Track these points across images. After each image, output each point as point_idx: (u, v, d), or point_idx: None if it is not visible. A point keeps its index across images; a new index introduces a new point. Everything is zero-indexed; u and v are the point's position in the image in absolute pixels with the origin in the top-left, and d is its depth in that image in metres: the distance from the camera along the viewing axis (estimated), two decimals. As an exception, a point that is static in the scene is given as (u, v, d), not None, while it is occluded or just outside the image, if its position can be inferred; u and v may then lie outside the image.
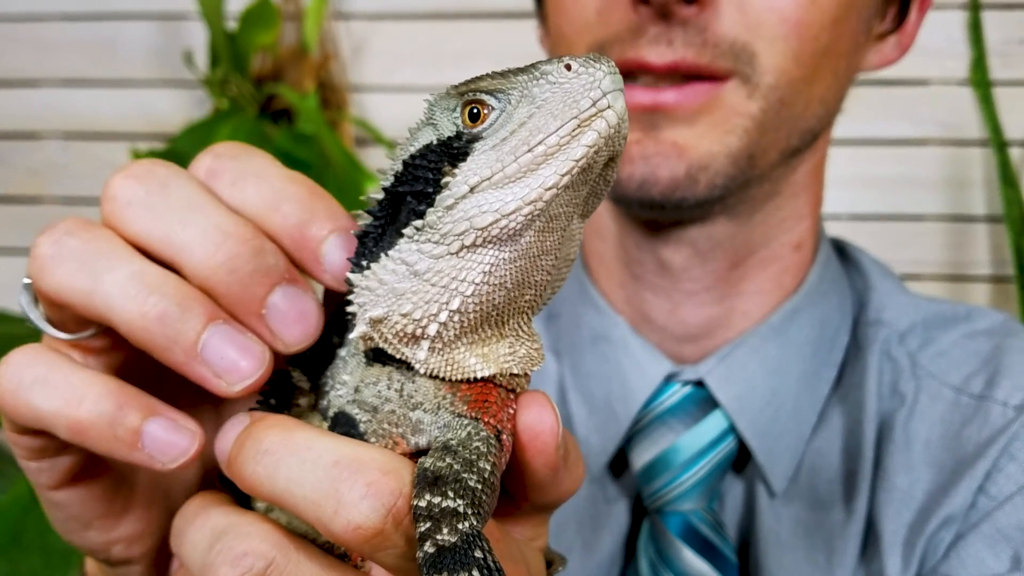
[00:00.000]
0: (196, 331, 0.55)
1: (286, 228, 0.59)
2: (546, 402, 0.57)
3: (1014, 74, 2.19)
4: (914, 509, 0.99)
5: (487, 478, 0.52)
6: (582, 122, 0.52)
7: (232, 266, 0.56)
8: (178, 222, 0.56)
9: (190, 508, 0.59)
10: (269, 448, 0.53)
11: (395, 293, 0.55)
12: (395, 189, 0.57)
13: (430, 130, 0.56)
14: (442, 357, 0.56)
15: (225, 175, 0.60)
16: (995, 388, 1.02)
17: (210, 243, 0.56)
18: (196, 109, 2.40)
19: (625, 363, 1.09)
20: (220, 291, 0.56)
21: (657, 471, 1.04)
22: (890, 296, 1.14)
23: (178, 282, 0.56)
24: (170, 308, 0.55)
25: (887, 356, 1.09)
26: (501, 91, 0.54)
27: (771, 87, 0.97)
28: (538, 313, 0.60)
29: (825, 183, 1.16)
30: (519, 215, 0.52)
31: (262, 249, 0.57)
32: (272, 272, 0.57)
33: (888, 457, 1.02)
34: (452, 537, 0.48)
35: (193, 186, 0.58)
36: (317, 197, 0.60)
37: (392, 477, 0.50)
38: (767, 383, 1.06)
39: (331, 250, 0.59)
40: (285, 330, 0.58)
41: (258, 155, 0.61)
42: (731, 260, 1.09)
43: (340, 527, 0.50)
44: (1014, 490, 0.93)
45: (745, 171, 1.00)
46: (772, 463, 1.04)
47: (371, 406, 0.58)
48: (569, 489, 0.61)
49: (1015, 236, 2.11)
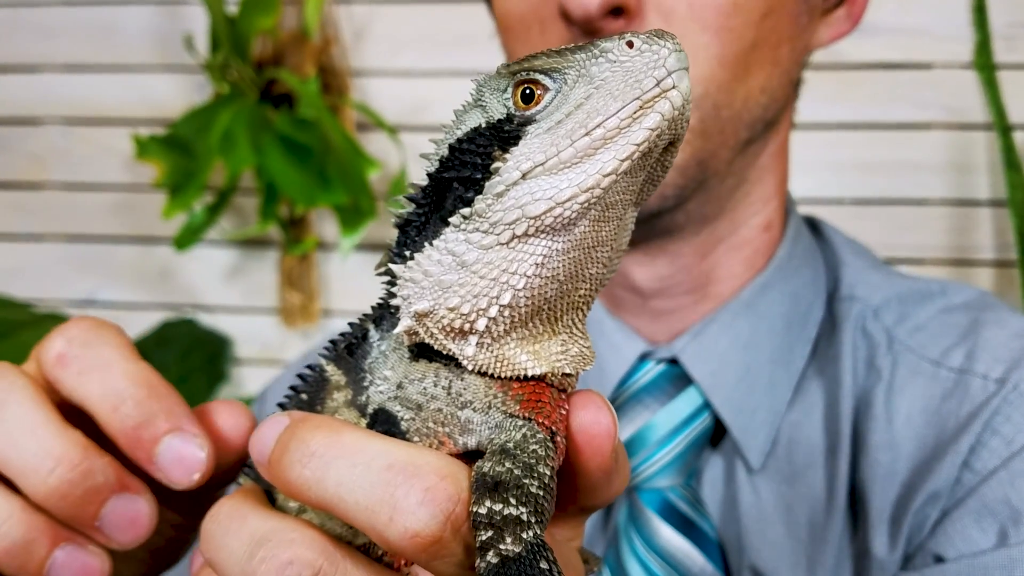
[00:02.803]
0: (40, 557, 0.60)
1: (123, 429, 0.61)
2: (602, 403, 0.55)
3: (1019, 57, 2.18)
4: (899, 484, 0.98)
5: (547, 483, 0.50)
6: (644, 103, 0.50)
7: (63, 491, 0.59)
8: (10, 445, 0.60)
9: (223, 511, 0.56)
10: (317, 451, 0.51)
11: (441, 286, 0.53)
12: (440, 175, 0.55)
13: (479, 112, 0.54)
14: (491, 353, 0.54)
15: (73, 364, 0.62)
16: (975, 361, 1.01)
17: (42, 469, 0.59)
18: (197, 94, 2.39)
19: (599, 343, 1.08)
20: (55, 511, 0.60)
21: (633, 449, 1.04)
22: (862, 272, 1.14)
23: (21, 513, 0.60)
24: (15, 542, 0.59)
25: (862, 331, 1.08)
26: (557, 70, 0.52)
27: (701, 97, 0.96)
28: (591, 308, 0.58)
29: (821, 165, 1.15)
30: (574, 203, 0.50)
31: (91, 470, 0.60)
32: (102, 489, 0.60)
33: (870, 433, 1.02)
34: (516, 547, 0.47)
35: (26, 402, 0.61)
36: (155, 398, 0.62)
37: (450, 482, 0.49)
38: (740, 358, 1.06)
39: (163, 451, 0.61)
40: (118, 535, 0.62)
41: (108, 344, 0.63)
42: (702, 252, 1.09)
43: (396, 535, 0.48)
44: (998, 464, 0.93)
45: (696, 177, 1.00)
46: (748, 438, 1.04)
47: (415, 403, 0.56)
48: (618, 490, 0.60)
49: (1019, 220, 2.10)
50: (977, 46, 2.13)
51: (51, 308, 2.40)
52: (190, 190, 2.16)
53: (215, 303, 2.50)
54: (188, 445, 0.61)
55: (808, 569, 1.01)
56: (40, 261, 2.54)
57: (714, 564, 1.01)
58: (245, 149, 2.12)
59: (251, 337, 2.48)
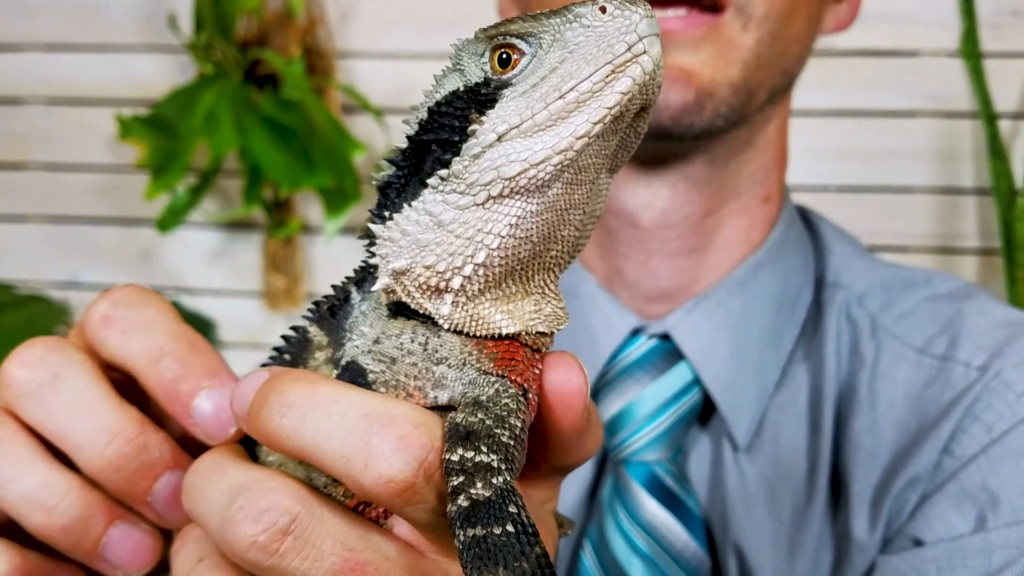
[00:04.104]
0: (96, 535, 0.62)
1: (162, 383, 0.63)
2: (574, 363, 0.57)
3: (1005, 46, 2.18)
4: (880, 469, 1.00)
5: (518, 435, 0.52)
6: (616, 67, 0.51)
7: (118, 464, 0.61)
8: (67, 419, 0.61)
9: (204, 464, 0.58)
10: (295, 401, 0.53)
11: (418, 244, 0.55)
12: (419, 137, 0.56)
13: (457, 76, 0.56)
14: (466, 312, 0.56)
15: (116, 324, 0.64)
16: (957, 349, 1.02)
17: (98, 442, 0.61)
18: (180, 74, 2.37)
19: (593, 317, 1.10)
20: (109, 485, 0.62)
21: (622, 422, 1.05)
22: (848, 260, 1.15)
23: (79, 491, 0.62)
24: (73, 520, 0.61)
25: (846, 317, 1.10)
26: (532, 35, 0.53)
27: (763, 17, 0.98)
28: (565, 270, 0.60)
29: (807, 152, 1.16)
30: (548, 165, 0.52)
31: (146, 445, 0.62)
32: (156, 464, 0.62)
33: (852, 418, 1.03)
34: (486, 491, 0.48)
35: (83, 376, 0.63)
36: (196, 353, 0.64)
37: (423, 431, 0.50)
38: (731, 336, 1.07)
39: (201, 403, 0.62)
40: (169, 513, 0.63)
41: (151, 306, 0.65)
42: (706, 207, 1.10)
43: (371, 480, 0.49)
44: (978, 450, 0.94)
45: (743, 105, 1.01)
46: (736, 415, 1.05)
47: (390, 357, 0.57)
48: (590, 451, 0.61)
49: (1003, 209, 2.11)
50: (964, 34, 2.14)
51: (33, 289, 2.39)
52: (173, 171, 2.15)
53: (198, 286, 2.48)
54: (227, 399, 0.61)
55: (789, 550, 1.02)
56: (22, 242, 2.52)
57: (698, 540, 1.02)
58: (229, 130, 2.11)
59: (235, 320, 2.47)
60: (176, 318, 0.66)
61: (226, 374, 0.64)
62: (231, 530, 0.51)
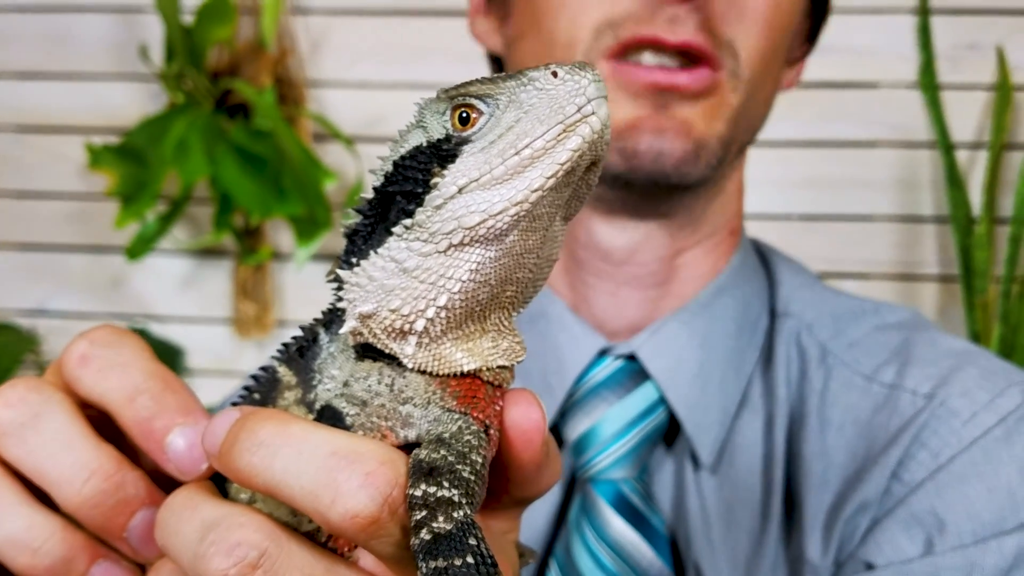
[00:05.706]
0: (79, 574, 0.64)
1: (137, 420, 0.64)
2: (533, 400, 0.59)
3: (962, 78, 2.24)
4: (832, 492, 1.02)
5: (479, 470, 0.53)
6: (567, 127, 0.54)
7: (96, 501, 0.63)
8: (48, 457, 0.63)
9: (177, 500, 0.59)
10: (265, 440, 0.54)
11: (384, 289, 0.57)
12: (385, 189, 0.59)
13: (420, 132, 0.58)
14: (429, 352, 0.58)
15: (94, 363, 0.66)
16: (905, 377, 1.05)
17: (77, 479, 0.63)
18: (151, 103, 2.38)
19: (561, 338, 1.12)
20: (86, 521, 0.63)
21: (590, 441, 1.07)
22: (797, 290, 1.18)
23: (63, 532, 0.64)
24: (56, 560, 0.63)
25: (796, 346, 1.12)
26: (490, 96, 0.56)
27: (747, 81, 1.04)
28: (519, 310, 0.62)
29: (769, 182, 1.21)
30: (506, 215, 0.54)
31: (123, 482, 0.64)
32: (132, 501, 0.64)
33: (803, 443, 1.05)
34: (447, 525, 0.50)
35: (63, 415, 0.64)
36: (171, 392, 0.66)
37: (389, 467, 0.52)
38: (695, 356, 1.09)
39: (174, 440, 0.64)
40: (143, 549, 0.64)
41: (128, 346, 0.67)
42: (678, 247, 1.13)
43: (337, 516, 0.51)
44: (925, 476, 0.96)
45: (724, 157, 1.06)
46: (700, 435, 1.07)
47: (360, 400, 0.59)
48: (548, 483, 0.63)
49: (961, 236, 2.16)
50: (922, 66, 2.19)
51: (0, 318, 2.38)
52: (143, 199, 2.15)
53: (168, 313, 2.48)
54: (199, 436, 0.63)
55: (747, 571, 1.04)
56: (-10, 270, 2.51)
57: (663, 559, 1.03)
58: (199, 159, 2.12)
59: (204, 348, 2.47)
60: (152, 357, 0.68)
61: (200, 412, 0.66)
62: (203, 564, 0.53)
